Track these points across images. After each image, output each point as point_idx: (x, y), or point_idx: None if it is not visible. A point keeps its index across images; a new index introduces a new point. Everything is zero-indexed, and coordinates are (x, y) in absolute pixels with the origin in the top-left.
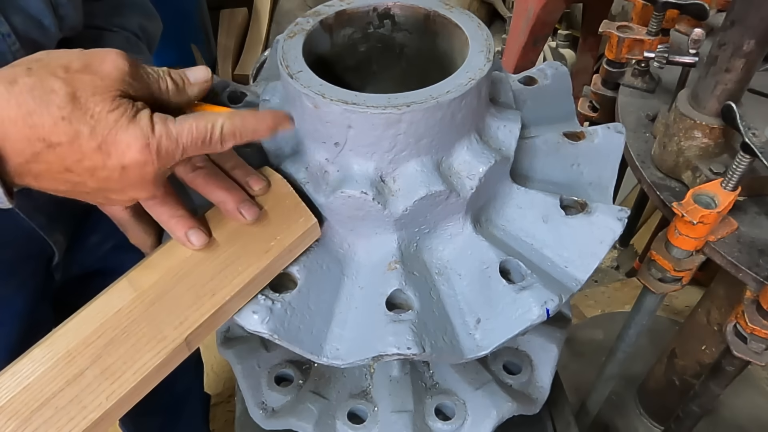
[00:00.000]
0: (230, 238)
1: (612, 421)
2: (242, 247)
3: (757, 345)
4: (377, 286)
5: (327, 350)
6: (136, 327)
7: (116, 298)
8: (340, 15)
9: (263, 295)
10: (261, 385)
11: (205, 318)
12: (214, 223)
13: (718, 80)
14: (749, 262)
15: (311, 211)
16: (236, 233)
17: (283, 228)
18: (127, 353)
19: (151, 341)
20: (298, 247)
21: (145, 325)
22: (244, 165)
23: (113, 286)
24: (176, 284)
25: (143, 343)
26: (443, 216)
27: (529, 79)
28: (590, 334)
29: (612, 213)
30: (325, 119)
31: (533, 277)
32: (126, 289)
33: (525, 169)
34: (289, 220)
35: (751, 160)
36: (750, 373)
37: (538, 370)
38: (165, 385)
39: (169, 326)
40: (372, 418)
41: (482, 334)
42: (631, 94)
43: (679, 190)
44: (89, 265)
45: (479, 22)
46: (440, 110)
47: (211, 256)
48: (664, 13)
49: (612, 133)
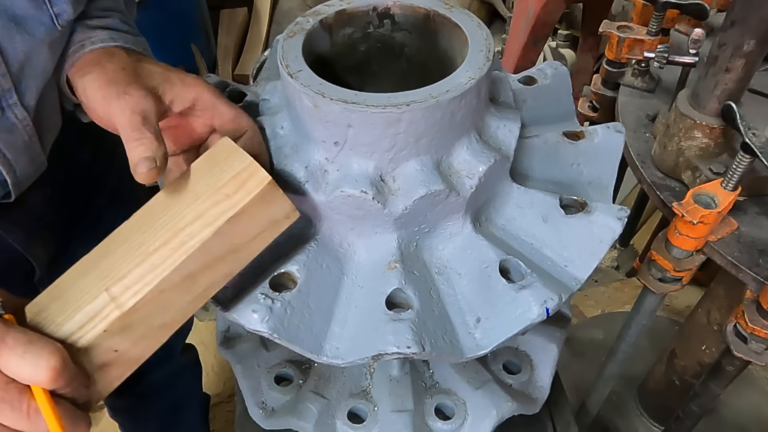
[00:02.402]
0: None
1: (612, 421)
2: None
3: (757, 345)
4: (377, 285)
5: (327, 349)
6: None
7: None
8: (340, 15)
9: (263, 294)
10: (261, 384)
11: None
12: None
13: (718, 80)
14: (749, 262)
15: (311, 211)
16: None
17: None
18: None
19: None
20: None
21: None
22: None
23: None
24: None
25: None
26: (443, 215)
27: (529, 79)
28: (590, 334)
29: (612, 212)
30: (325, 118)
31: (533, 276)
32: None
33: (525, 168)
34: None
35: (751, 160)
36: (750, 373)
37: (538, 370)
38: (164, 386)
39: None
40: (372, 417)
41: (482, 334)
42: (631, 94)
43: (679, 190)
44: None
45: (479, 21)
46: (440, 109)
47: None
48: (664, 13)
49: (612, 133)
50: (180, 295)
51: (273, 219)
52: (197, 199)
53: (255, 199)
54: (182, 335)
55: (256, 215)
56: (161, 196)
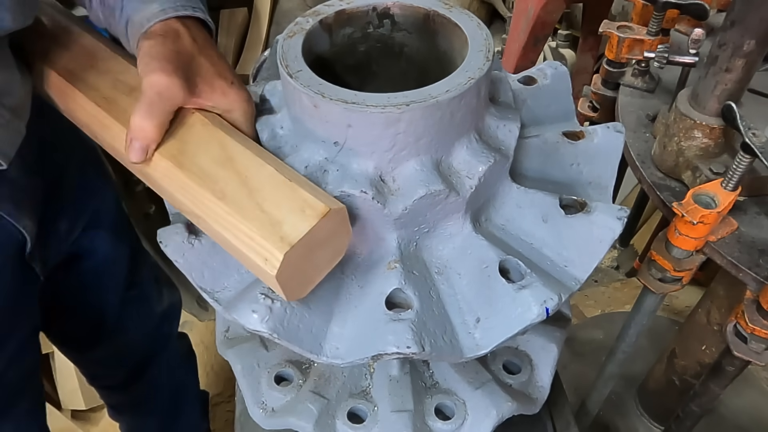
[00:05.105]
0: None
1: (612, 421)
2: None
3: (757, 345)
4: (377, 285)
5: (327, 349)
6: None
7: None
8: (340, 15)
9: (263, 294)
10: (261, 384)
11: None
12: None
13: (718, 80)
14: (749, 262)
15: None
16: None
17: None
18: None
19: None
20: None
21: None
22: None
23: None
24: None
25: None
26: (443, 215)
27: (529, 79)
28: (590, 334)
29: (612, 212)
30: (325, 118)
31: (533, 276)
32: None
33: (524, 168)
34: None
35: (751, 160)
36: (750, 373)
37: (538, 370)
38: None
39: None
40: (372, 417)
41: (482, 333)
42: (631, 94)
43: (679, 190)
44: (65, 251)
45: (479, 21)
46: (440, 109)
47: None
48: (664, 13)
49: (612, 133)
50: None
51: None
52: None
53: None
54: (176, 322)
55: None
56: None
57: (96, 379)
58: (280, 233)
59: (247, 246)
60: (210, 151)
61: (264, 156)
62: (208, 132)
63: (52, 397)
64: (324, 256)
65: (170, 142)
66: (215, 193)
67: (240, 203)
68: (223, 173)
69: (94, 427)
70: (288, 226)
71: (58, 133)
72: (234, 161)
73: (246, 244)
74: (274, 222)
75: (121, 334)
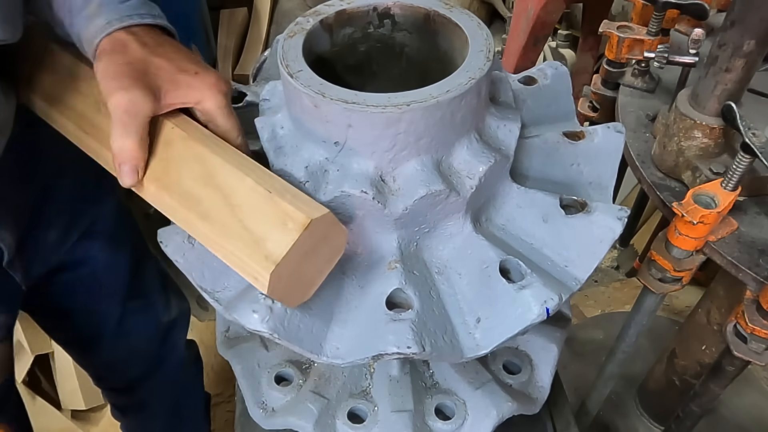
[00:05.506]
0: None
1: (612, 421)
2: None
3: (757, 345)
4: (377, 285)
5: (327, 349)
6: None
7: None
8: (340, 15)
9: (263, 294)
10: (261, 384)
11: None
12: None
13: (718, 80)
14: (749, 262)
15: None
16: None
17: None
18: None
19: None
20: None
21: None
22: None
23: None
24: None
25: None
26: (443, 215)
27: (529, 79)
28: (590, 334)
29: (612, 212)
30: (325, 118)
31: (533, 276)
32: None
33: (525, 168)
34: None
35: (751, 160)
36: (750, 373)
37: (538, 370)
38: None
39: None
40: (372, 417)
41: (482, 333)
42: (631, 94)
43: (679, 190)
44: (53, 262)
45: (479, 21)
46: (440, 109)
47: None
48: (664, 13)
49: (612, 133)
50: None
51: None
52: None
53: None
54: (184, 330)
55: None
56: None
57: (101, 381)
58: (264, 252)
59: (236, 265)
60: (192, 169)
61: (243, 166)
62: (187, 147)
63: (52, 397)
64: (321, 258)
65: (154, 163)
66: (200, 215)
67: (223, 222)
68: (206, 192)
69: (94, 427)
70: (271, 243)
71: (49, 143)
72: (214, 177)
73: (234, 263)
74: (257, 240)
75: (125, 341)
